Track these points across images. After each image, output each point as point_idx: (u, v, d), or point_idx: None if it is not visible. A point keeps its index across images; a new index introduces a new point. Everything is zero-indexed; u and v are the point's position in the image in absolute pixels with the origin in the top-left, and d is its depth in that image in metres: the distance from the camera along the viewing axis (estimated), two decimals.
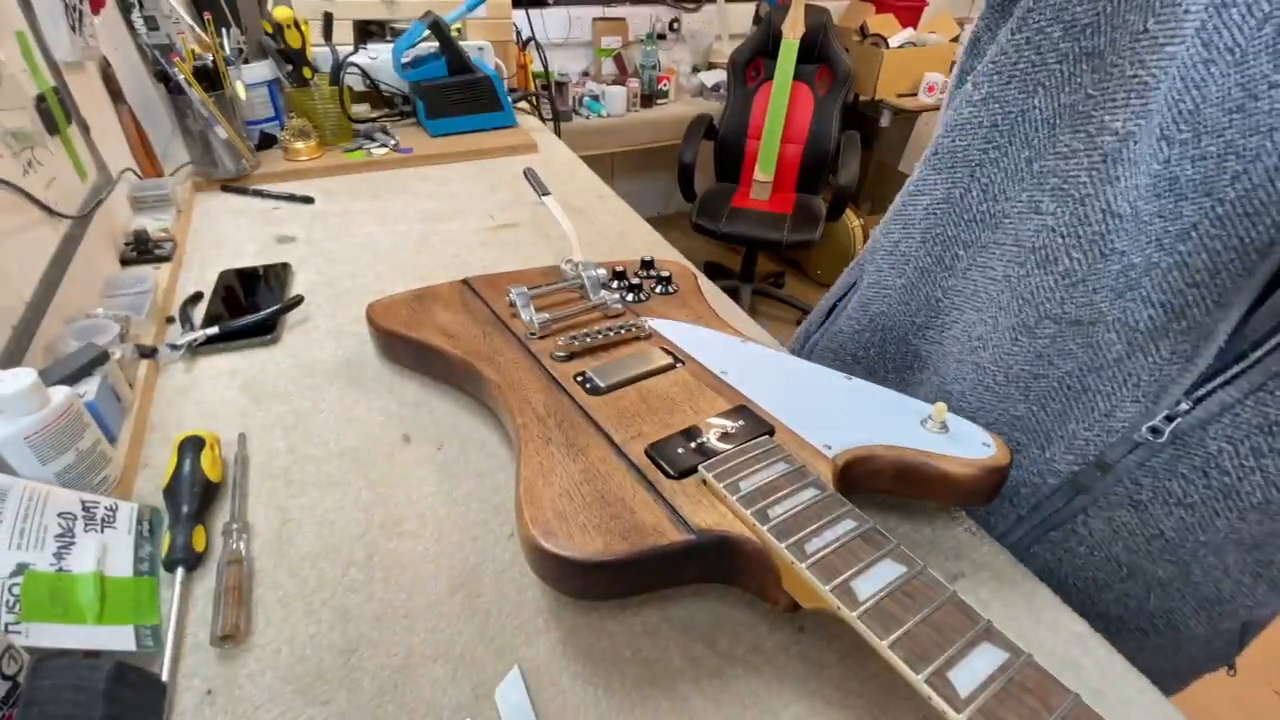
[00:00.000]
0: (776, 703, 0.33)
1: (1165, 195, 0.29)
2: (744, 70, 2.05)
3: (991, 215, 0.38)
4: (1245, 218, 0.27)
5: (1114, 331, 0.33)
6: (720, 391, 0.43)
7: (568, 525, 0.32)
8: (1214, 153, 0.28)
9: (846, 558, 0.30)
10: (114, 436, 0.45)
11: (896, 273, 0.46)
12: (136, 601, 0.35)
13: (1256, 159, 0.27)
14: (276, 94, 0.98)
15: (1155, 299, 0.31)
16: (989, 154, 0.37)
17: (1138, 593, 0.39)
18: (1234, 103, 0.27)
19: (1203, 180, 0.28)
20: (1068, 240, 0.33)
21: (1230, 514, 0.33)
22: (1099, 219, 0.32)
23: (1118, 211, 0.31)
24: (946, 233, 0.41)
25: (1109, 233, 0.31)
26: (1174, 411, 0.33)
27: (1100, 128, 0.31)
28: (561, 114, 1.95)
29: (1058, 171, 0.33)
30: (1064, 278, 0.34)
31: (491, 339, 0.49)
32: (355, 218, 0.81)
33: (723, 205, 2.02)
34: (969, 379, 0.42)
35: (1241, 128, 0.27)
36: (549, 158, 1.03)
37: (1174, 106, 0.28)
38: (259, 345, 0.57)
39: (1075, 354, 0.35)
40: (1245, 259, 0.28)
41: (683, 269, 0.61)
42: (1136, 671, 0.34)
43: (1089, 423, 0.36)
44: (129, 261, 0.68)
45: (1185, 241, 0.29)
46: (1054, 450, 0.38)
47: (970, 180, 0.38)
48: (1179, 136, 0.28)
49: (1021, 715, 0.24)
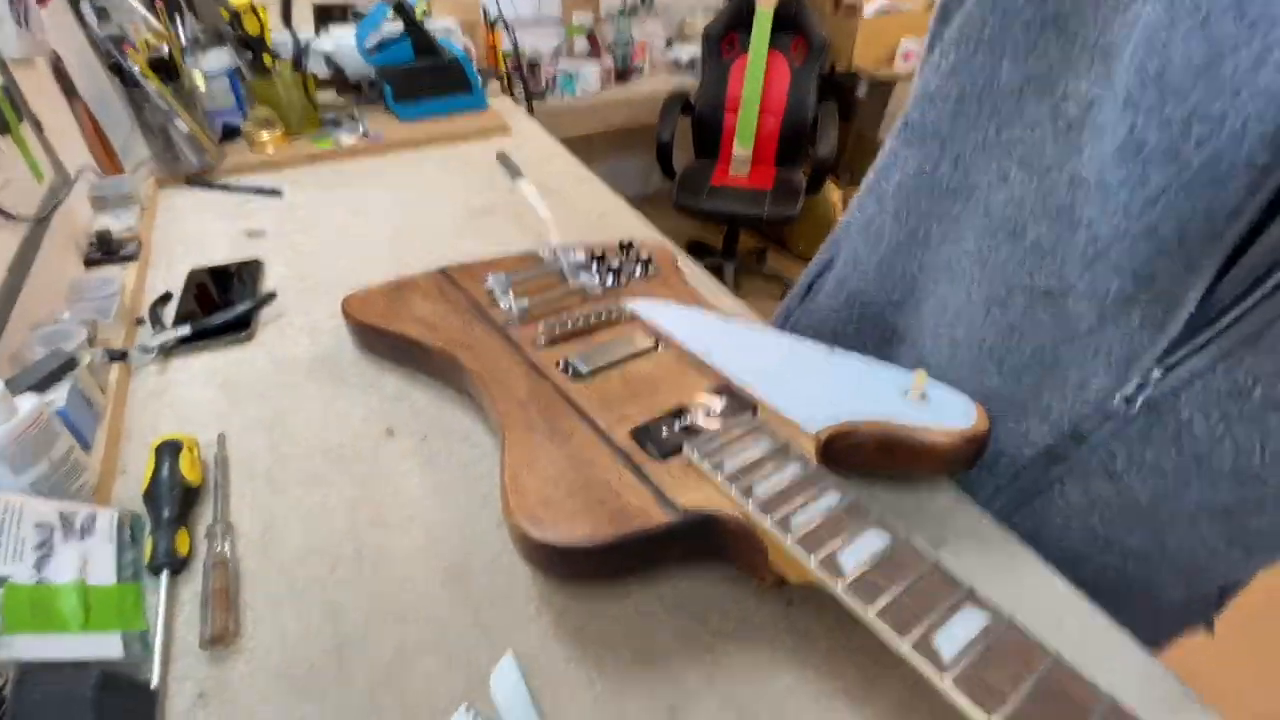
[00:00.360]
0: (768, 674, 0.33)
1: (1131, 162, 0.29)
2: (719, 43, 2.02)
3: (962, 187, 0.37)
4: (1212, 183, 0.27)
5: (1084, 302, 0.33)
6: (702, 371, 0.43)
7: (554, 512, 0.32)
8: (1179, 117, 0.27)
9: (831, 531, 0.30)
10: (88, 443, 0.44)
11: (871, 248, 0.46)
12: (122, 608, 0.35)
13: (1221, 122, 0.26)
14: (237, 83, 0.95)
15: (1124, 267, 0.31)
16: (958, 125, 0.36)
17: (1115, 563, 0.40)
18: (1198, 65, 0.26)
19: (1169, 146, 0.28)
20: (1035, 210, 0.33)
21: (1202, 482, 0.33)
22: (1065, 188, 0.31)
23: (1084, 180, 0.30)
24: (919, 207, 0.40)
25: (1075, 203, 0.31)
26: (1146, 380, 0.32)
27: (1064, 95, 0.31)
28: (534, 94, 1.92)
29: (1025, 140, 0.33)
30: (1032, 249, 0.34)
31: (471, 328, 0.49)
32: (326, 209, 0.80)
33: (703, 183, 2.00)
34: (944, 353, 0.42)
35: (1206, 90, 0.26)
36: (523, 140, 1.02)
37: (1139, 70, 0.28)
38: (233, 344, 0.56)
39: (1046, 326, 0.35)
40: (1213, 224, 0.28)
41: (662, 249, 0.61)
42: (1117, 628, 0.35)
43: (1062, 394, 0.36)
44: (93, 263, 0.66)
45: (1152, 209, 0.29)
46: (1029, 422, 0.38)
47: (940, 152, 0.38)
48: (1144, 102, 0.28)
49: (1005, 676, 0.24)
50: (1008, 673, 0.24)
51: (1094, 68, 0.29)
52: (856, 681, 0.33)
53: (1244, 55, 0.26)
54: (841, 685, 0.33)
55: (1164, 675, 0.33)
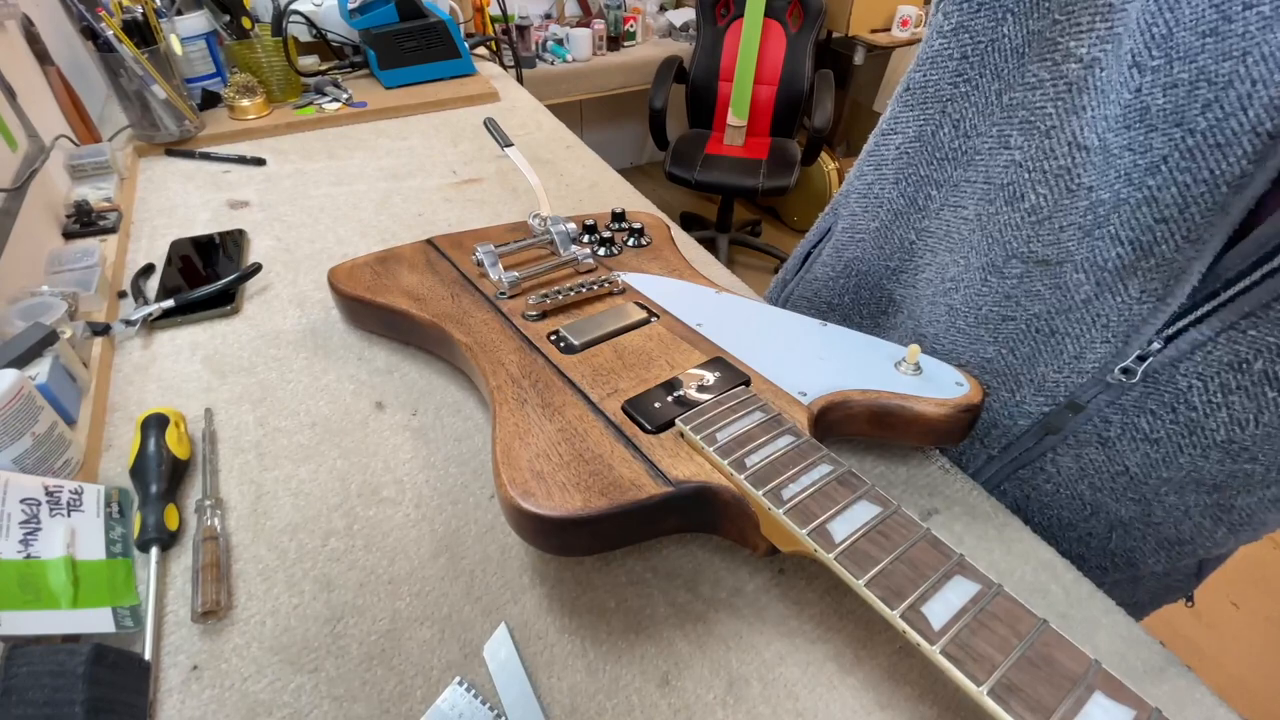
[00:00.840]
0: (759, 641, 0.33)
1: (1136, 126, 0.29)
2: (713, 8, 1.97)
3: (963, 152, 0.37)
4: (1216, 148, 0.27)
5: (1082, 271, 0.33)
6: (695, 344, 0.43)
7: (546, 485, 0.32)
8: (1185, 79, 0.27)
9: (822, 501, 0.30)
10: (72, 419, 0.43)
11: (870, 216, 0.45)
12: (112, 583, 0.35)
13: (1229, 85, 0.26)
14: (215, 48, 0.92)
15: (1124, 236, 0.31)
16: (959, 88, 0.36)
17: (1100, 531, 0.40)
18: (1207, 25, 0.26)
19: (1174, 109, 0.27)
20: (1034, 175, 0.33)
21: (1194, 450, 0.33)
22: (1065, 152, 0.31)
23: (1084, 144, 0.30)
24: (919, 172, 0.40)
25: (1075, 166, 0.31)
26: (1146, 351, 0.32)
27: (1066, 55, 0.30)
28: (524, 60, 1.87)
29: (1025, 103, 0.32)
30: (1030, 214, 0.33)
31: (460, 300, 0.48)
32: (311, 178, 0.78)
33: (696, 153, 1.97)
34: (942, 321, 0.42)
35: (1214, 52, 0.26)
36: (511, 106, 0.99)
37: (1146, 31, 0.27)
38: (218, 317, 0.55)
39: (1043, 295, 0.35)
40: (1215, 192, 0.28)
41: (655, 221, 0.60)
42: (1102, 594, 0.36)
43: (1058, 365, 0.36)
44: (72, 235, 0.64)
45: (1154, 175, 0.29)
46: (1024, 393, 0.38)
47: (941, 116, 0.37)
48: (1151, 63, 0.27)
49: (993, 643, 0.24)
50: (996, 640, 0.24)
51: (1095, 26, 0.29)
52: (846, 648, 0.33)
53: (1252, 16, 0.25)
54: (832, 652, 0.33)
55: (1148, 641, 0.33)
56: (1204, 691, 0.31)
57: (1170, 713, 0.24)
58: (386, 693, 0.31)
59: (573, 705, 0.31)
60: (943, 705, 0.31)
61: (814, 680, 0.32)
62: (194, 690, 0.32)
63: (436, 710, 0.31)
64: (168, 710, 0.31)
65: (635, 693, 0.32)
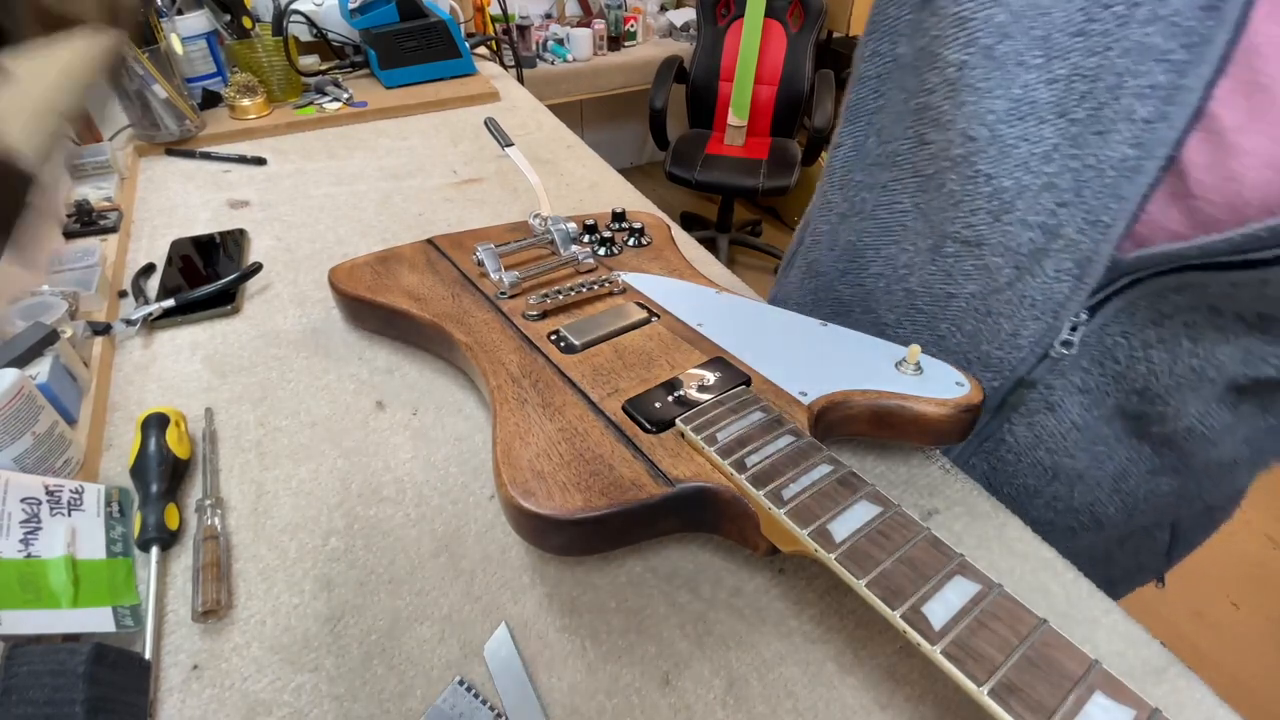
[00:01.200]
0: (759, 641, 0.33)
1: (1027, 119, 0.31)
2: (714, 7, 1.97)
3: (887, 155, 0.41)
4: (1097, 136, 0.30)
5: (999, 255, 0.35)
6: (696, 344, 0.43)
7: (546, 484, 0.32)
8: (1063, 75, 0.30)
9: (823, 502, 0.30)
10: (73, 418, 0.43)
11: (823, 221, 0.49)
12: (113, 583, 0.35)
13: (1098, 78, 0.29)
14: (216, 47, 0.92)
15: (1031, 221, 0.33)
16: (878, 101, 0.41)
17: (1063, 493, 0.42)
18: (1075, 27, 0.29)
19: (1057, 102, 0.30)
20: (945, 164, 0.36)
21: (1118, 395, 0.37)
22: (960, 143, 0.34)
23: (973, 135, 0.33)
24: (855, 179, 0.44)
25: (970, 155, 0.34)
26: (1076, 324, 0.35)
27: (944, 62, 0.34)
28: (524, 60, 1.87)
29: (928, 105, 0.36)
30: (949, 199, 0.37)
31: (460, 300, 0.48)
32: (311, 178, 0.78)
33: (697, 153, 1.97)
34: (901, 306, 0.44)
35: (1083, 50, 0.29)
36: (512, 106, 0.99)
37: (1026, 33, 0.30)
38: (219, 316, 0.55)
39: (974, 276, 0.38)
40: (1104, 176, 0.30)
41: (656, 221, 0.60)
42: (1101, 593, 0.36)
43: (998, 343, 0.39)
44: (72, 234, 0.64)
45: (1049, 163, 0.32)
46: (976, 371, 0.41)
47: (868, 128, 0.42)
48: (1033, 61, 0.30)
49: (993, 643, 0.24)
50: (996, 640, 0.24)
51: (957, 36, 0.32)
52: (846, 648, 0.33)
53: (1109, 15, 0.28)
54: (831, 652, 0.33)
55: (1148, 640, 0.33)
56: (1204, 691, 0.31)
57: (1170, 713, 0.24)
58: (386, 692, 0.31)
59: (573, 705, 0.31)
60: (943, 705, 0.31)
61: (814, 680, 0.32)
62: (194, 689, 0.32)
63: (436, 709, 0.31)
64: (168, 710, 0.31)
65: (635, 692, 0.32)
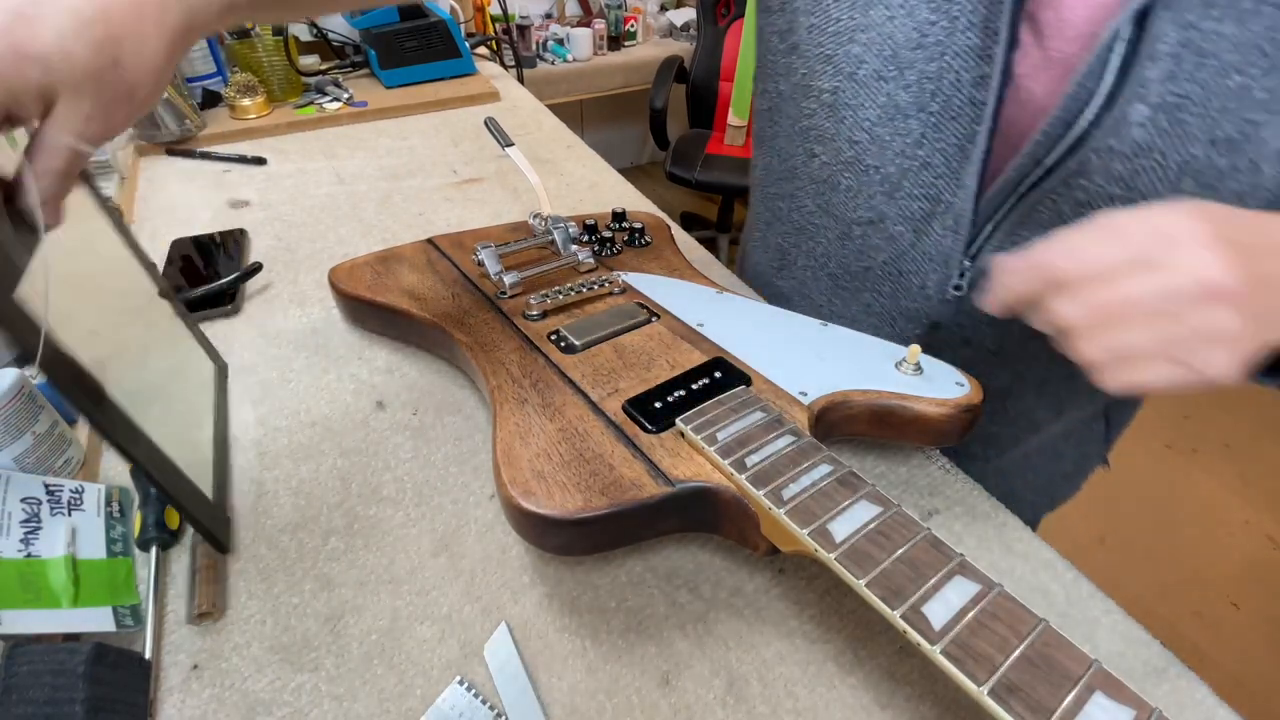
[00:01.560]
0: (759, 641, 0.33)
1: (896, 118, 0.39)
2: (714, 7, 1.96)
3: (788, 171, 0.49)
4: (950, 120, 0.38)
5: (900, 224, 0.43)
6: (696, 344, 0.43)
7: (546, 484, 0.32)
8: (914, 80, 0.38)
9: (823, 501, 0.30)
10: (73, 418, 0.43)
11: (755, 229, 0.58)
12: (113, 582, 0.35)
13: (940, 79, 0.37)
14: (216, 47, 0.92)
15: (917, 194, 0.41)
16: (773, 129, 0.49)
17: (998, 408, 0.48)
18: (914, 42, 0.37)
19: (915, 100, 0.38)
20: (838, 168, 0.44)
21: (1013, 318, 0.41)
22: (847, 147, 0.42)
23: (857, 140, 0.41)
24: (769, 192, 0.53)
25: (859, 155, 0.42)
26: (963, 270, 0.42)
27: (819, 90, 0.42)
28: (524, 59, 1.87)
29: (814, 126, 0.44)
30: (848, 193, 0.44)
31: (461, 300, 0.48)
32: (311, 178, 0.78)
33: (697, 153, 1.97)
34: (829, 288, 0.51)
35: (923, 59, 0.37)
36: (512, 106, 0.99)
37: (878, 55, 0.38)
38: (219, 316, 0.55)
39: (882, 247, 0.45)
40: (964, 149, 0.38)
41: (656, 220, 0.60)
42: (1102, 594, 0.36)
43: (912, 297, 0.46)
44: None
45: (921, 147, 0.39)
46: (900, 324, 0.47)
47: (770, 151, 0.50)
48: (889, 74, 0.38)
49: (993, 643, 0.24)
50: (996, 640, 0.24)
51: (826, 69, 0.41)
52: (846, 648, 0.33)
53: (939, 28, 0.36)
54: (832, 652, 0.33)
55: (1148, 640, 0.34)
56: (1204, 692, 0.31)
57: (1170, 713, 0.24)
58: (386, 692, 0.31)
59: (573, 705, 0.31)
60: (943, 705, 0.31)
61: (814, 680, 0.32)
62: (194, 689, 0.32)
63: (436, 709, 0.31)
64: (168, 709, 0.31)
65: (635, 692, 0.32)
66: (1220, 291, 0.25)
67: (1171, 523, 1.40)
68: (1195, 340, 0.26)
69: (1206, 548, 1.36)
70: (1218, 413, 1.67)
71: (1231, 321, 0.25)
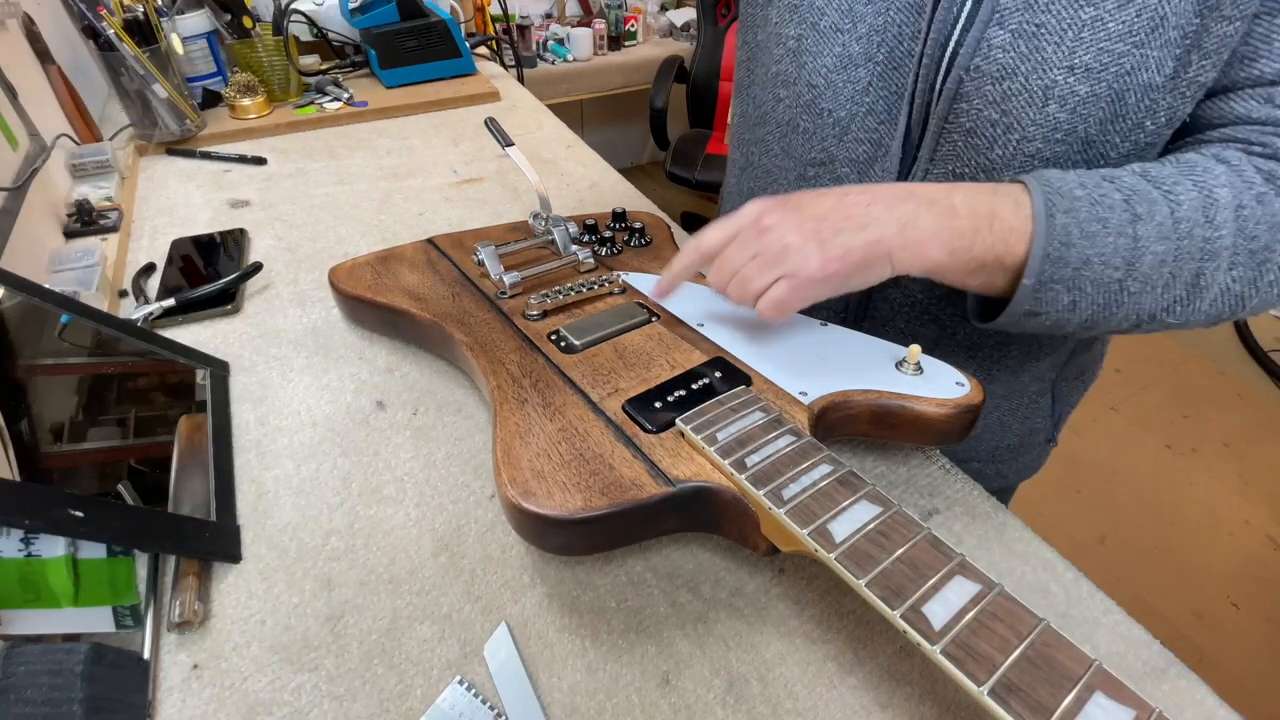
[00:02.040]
0: (759, 641, 0.33)
1: (849, 67, 0.43)
2: (714, 7, 1.96)
3: (760, 116, 0.52)
4: (893, 70, 0.42)
5: (846, 166, 0.47)
6: (696, 344, 0.43)
7: (546, 484, 0.32)
8: (864, 32, 0.41)
9: (823, 501, 0.30)
10: None
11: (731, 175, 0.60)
12: (113, 582, 0.35)
13: (885, 30, 0.41)
14: (216, 47, 0.92)
15: (863, 138, 0.45)
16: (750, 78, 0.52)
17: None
18: None
19: (864, 51, 0.42)
20: (798, 110, 0.47)
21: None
22: (807, 91, 0.46)
23: (814, 84, 0.45)
24: (744, 138, 0.56)
25: (816, 99, 0.45)
26: None
27: (787, 37, 0.46)
28: (524, 59, 1.87)
29: (781, 70, 0.47)
30: (804, 134, 0.48)
31: (461, 300, 0.48)
32: (312, 177, 0.78)
33: (697, 153, 1.97)
34: None
35: (873, 13, 0.41)
36: (512, 106, 0.99)
37: (839, 8, 0.42)
38: (219, 316, 0.55)
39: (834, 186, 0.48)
40: (902, 96, 0.42)
41: (656, 220, 0.60)
42: (1102, 594, 0.36)
43: None
44: (73, 234, 0.65)
45: (869, 95, 0.43)
46: None
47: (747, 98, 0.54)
48: (844, 27, 0.42)
49: (993, 643, 0.24)
50: (996, 640, 0.24)
51: (791, 19, 0.44)
52: (846, 648, 0.33)
53: None
54: (832, 652, 0.33)
55: (1148, 640, 0.33)
56: (1205, 692, 0.31)
57: (1170, 713, 0.24)
58: (387, 691, 0.31)
59: (573, 705, 0.31)
60: (943, 705, 0.31)
61: (814, 680, 0.32)
62: (194, 689, 0.32)
63: (436, 709, 0.31)
64: (168, 709, 0.31)
65: (635, 692, 0.32)
66: (766, 223, 0.37)
67: (1171, 523, 1.40)
68: (775, 254, 0.36)
69: (1206, 548, 1.36)
70: (1218, 413, 1.67)
71: (788, 236, 0.36)
